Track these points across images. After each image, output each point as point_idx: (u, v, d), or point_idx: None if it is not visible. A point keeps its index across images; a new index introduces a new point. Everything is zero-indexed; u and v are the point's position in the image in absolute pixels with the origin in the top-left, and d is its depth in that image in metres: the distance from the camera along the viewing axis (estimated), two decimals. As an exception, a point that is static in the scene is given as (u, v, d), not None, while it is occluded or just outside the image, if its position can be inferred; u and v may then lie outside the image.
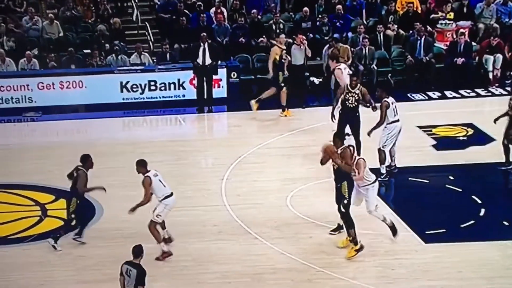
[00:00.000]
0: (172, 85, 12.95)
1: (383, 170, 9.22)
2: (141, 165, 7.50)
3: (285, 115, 11.88)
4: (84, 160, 7.77)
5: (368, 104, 9.51)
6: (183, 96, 12.96)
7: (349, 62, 12.88)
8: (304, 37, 12.32)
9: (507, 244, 7.54)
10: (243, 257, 7.48)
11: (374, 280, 7.14)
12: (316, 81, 13.25)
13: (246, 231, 7.96)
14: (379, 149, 9.24)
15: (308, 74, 12.78)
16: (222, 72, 12.87)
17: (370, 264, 7.32)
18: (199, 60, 12.39)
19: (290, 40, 12.96)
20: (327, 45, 13.19)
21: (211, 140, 11.50)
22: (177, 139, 11.29)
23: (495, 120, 9.55)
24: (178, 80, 12.95)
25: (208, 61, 12.38)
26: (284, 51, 11.86)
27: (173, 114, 12.66)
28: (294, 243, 7.68)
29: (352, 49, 13.07)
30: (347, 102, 9.52)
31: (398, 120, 9.15)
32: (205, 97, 12.61)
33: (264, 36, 13.79)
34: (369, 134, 9.22)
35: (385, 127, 9.17)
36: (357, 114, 9.51)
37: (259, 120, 12.01)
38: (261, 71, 13.46)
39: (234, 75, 13.00)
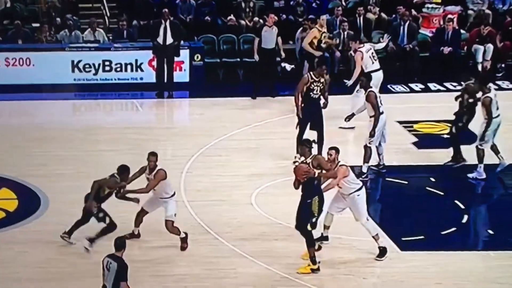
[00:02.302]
0: (129, 66, 12.58)
1: (365, 169, 8.92)
2: (156, 157, 7.39)
3: None
4: (122, 170, 7.31)
5: (323, 98, 9.12)
6: (141, 79, 12.59)
7: (337, 42, 12.58)
8: (276, 17, 12.00)
9: (491, 255, 7.33)
10: (202, 259, 7.21)
11: None
12: (288, 67, 12.92)
13: (206, 230, 7.69)
14: (365, 146, 8.95)
15: (279, 59, 12.43)
16: (184, 54, 12.52)
17: (340, 272, 7.06)
18: (160, 40, 12.03)
19: (261, 20, 12.69)
20: (301, 28, 12.82)
21: (171, 129, 11.15)
22: (133, 126, 10.95)
23: (457, 98, 9.38)
24: (136, 61, 12.58)
25: (169, 40, 12.01)
26: (325, 34, 11.29)
27: (130, 98, 12.28)
28: (258, 246, 7.45)
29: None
30: (311, 93, 9.14)
31: (382, 112, 8.86)
32: (165, 80, 12.26)
33: (232, 15, 13.44)
34: (371, 135, 8.73)
35: (370, 121, 8.88)
36: (320, 106, 9.17)
37: (225, 108, 11.69)
38: (227, 53, 13.19)
39: (197, 57, 12.68)
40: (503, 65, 12.72)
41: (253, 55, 11.92)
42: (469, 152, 9.18)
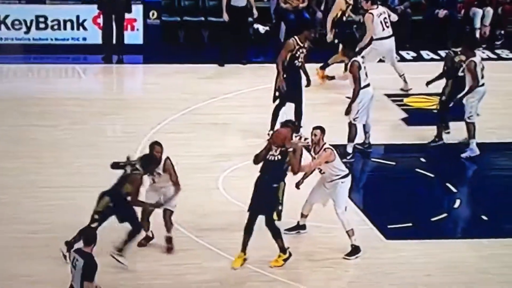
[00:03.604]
0: (68, 24, 12.84)
1: (350, 149, 9.62)
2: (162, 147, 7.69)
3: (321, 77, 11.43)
4: (148, 162, 7.44)
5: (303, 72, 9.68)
6: (84, 39, 12.90)
7: (304, 4, 13.26)
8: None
9: (483, 243, 8.10)
10: (161, 254, 7.63)
11: (322, 283, 7.51)
12: (262, 29, 13.47)
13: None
14: (349, 123, 9.62)
15: (251, 19, 12.96)
16: (137, 10, 12.85)
17: (319, 264, 7.64)
18: None
19: None
20: (278, -18, 13.46)
21: (121, 101, 11.48)
22: (74, 97, 11.25)
23: (428, 83, 10.24)
24: (77, 17, 12.85)
25: None
26: (350, 7, 11.63)
27: (70, 63, 12.58)
28: (225, 236, 7.88)
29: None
30: (295, 61, 9.69)
31: (368, 85, 9.53)
32: (114, 42, 12.55)
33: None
34: (348, 112, 9.44)
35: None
36: (301, 76, 9.76)
37: (187, 77, 12.09)
38: (189, 11, 13.54)
39: (153, 14, 13.06)
40: (502, 32, 13.57)
41: (221, 14, 12.41)
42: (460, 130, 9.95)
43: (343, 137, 9.62)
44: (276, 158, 7.41)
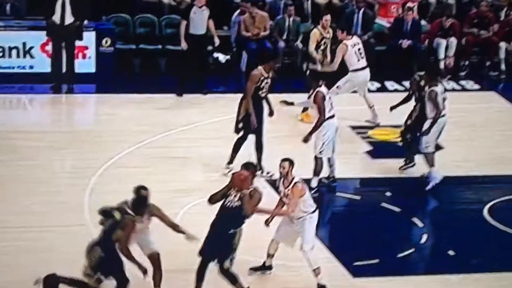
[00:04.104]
0: (14, 51, 12.97)
1: (315, 183, 9.95)
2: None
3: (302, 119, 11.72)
4: (139, 205, 7.41)
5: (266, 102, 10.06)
6: (31, 67, 13.04)
7: (266, 33, 13.69)
8: (209, -4, 12.76)
9: (451, 279, 8.49)
10: None
11: None
12: (222, 58, 13.81)
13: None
14: (315, 157, 9.95)
15: (211, 48, 13.29)
16: (89, 37, 13.03)
17: None
18: (56, 18, 12.48)
19: (188, 0, 13.44)
20: (239, 10, 13.86)
21: (71, 133, 11.57)
22: (21, 130, 11.35)
23: (392, 108, 10.80)
24: (24, 44, 12.99)
25: (69, 19, 12.53)
26: (326, 41, 11.81)
27: (16, 93, 12.65)
28: (181, 277, 7.96)
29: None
30: (260, 92, 10.03)
31: (333, 116, 9.92)
32: (64, 70, 12.73)
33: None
34: (306, 140, 9.81)
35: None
36: (263, 107, 10.12)
37: (142, 108, 12.30)
38: (145, 38, 13.80)
39: (106, 42, 13.23)
40: (466, 63, 14.23)
41: (179, 42, 12.67)
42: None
43: (308, 171, 9.91)
44: (234, 205, 7.54)
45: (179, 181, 10.13)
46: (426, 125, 10.11)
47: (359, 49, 11.70)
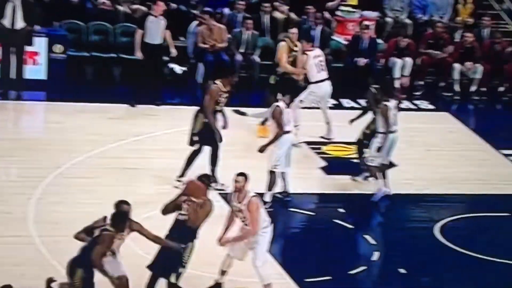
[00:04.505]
0: None
1: (268, 198, 9.80)
2: None
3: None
4: (120, 220, 7.24)
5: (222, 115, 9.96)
6: None
7: (223, 45, 13.51)
8: (164, 5, 12.63)
9: None
10: None
11: None
12: (179, 69, 13.62)
13: (63, 275, 7.76)
14: (270, 171, 9.85)
15: (167, 58, 13.09)
16: (40, 43, 12.81)
17: None
18: (6, 22, 12.29)
19: (145, 8, 13.24)
20: (197, 22, 13.69)
21: (18, 141, 11.35)
22: None
23: (352, 121, 10.89)
24: None
25: (19, 24, 12.33)
26: (294, 53, 11.61)
27: None
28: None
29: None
30: (217, 106, 9.93)
31: (289, 132, 9.85)
32: (12, 76, 12.50)
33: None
34: (261, 150, 9.74)
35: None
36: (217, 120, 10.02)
37: (94, 117, 12.08)
38: (99, 46, 13.59)
39: (58, 48, 12.99)
40: (421, 83, 14.33)
41: (134, 51, 12.47)
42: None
43: (262, 185, 9.79)
44: (185, 219, 7.53)
45: (129, 193, 9.77)
46: (377, 140, 10.16)
47: (320, 61, 11.66)
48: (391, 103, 10.19)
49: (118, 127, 11.81)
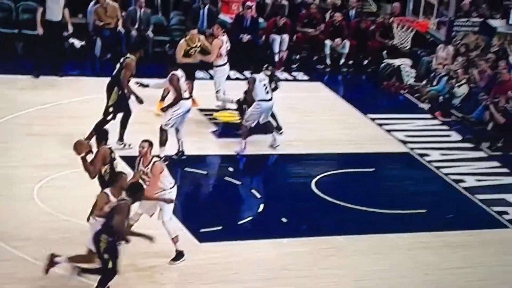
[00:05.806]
0: None
1: (161, 153, 10.14)
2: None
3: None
4: (134, 189, 7.41)
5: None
6: None
7: (119, 24, 13.70)
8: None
9: (283, 242, 9.06)
10: None
11: (144, 286, 7.92)
12: (78, 44, 13.65)
13: None
14: (161, 128, 10.22)
15: (67, 34, 13.09)
16: None
17: (135, 268, 8.02)
18: None
19: None
20: (94, 0, 13.78)
21: None
22: None
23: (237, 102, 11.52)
24: None
25: None
26: (196, 49, 11.78)
27: None
28: (42, 247, 7.98)
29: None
30: (131, 78, 10.33)
31: (188, 98, 10.31)
32: None
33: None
34: (163, 110, 10.23)
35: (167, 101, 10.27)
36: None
37: (0, 88, 11.94)
38: (2, 22, 13.37)
39: None
40: (297, 57, 15.01)
41: (36, 27, 12.45)
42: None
43: (169, 151, 10.21)
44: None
45: (36, 157, 10.02)
46: (251, 108, 10.81)
47: (227, 47, 12.05)
48: (260, 76, 10.78)
49: (24, 96, 11.73)
